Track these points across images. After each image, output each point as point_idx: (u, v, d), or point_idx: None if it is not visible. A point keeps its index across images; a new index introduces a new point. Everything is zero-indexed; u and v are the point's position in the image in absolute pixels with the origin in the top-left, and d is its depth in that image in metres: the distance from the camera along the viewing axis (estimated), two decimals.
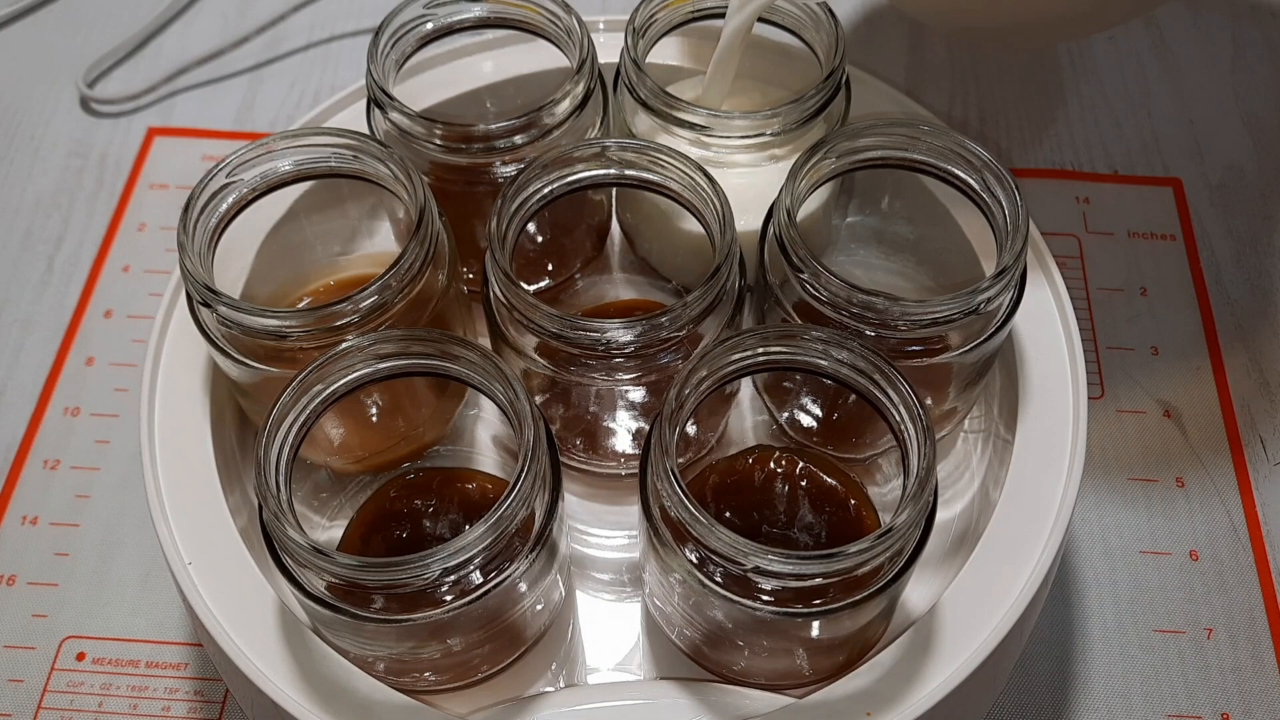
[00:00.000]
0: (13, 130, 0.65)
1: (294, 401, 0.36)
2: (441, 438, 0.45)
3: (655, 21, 0.46)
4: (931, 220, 0.47)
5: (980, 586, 0.38)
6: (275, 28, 0.68)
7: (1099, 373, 0.54)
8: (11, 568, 0.49)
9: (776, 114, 0.43)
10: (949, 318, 0.38)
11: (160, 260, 0.59)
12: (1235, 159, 0.62)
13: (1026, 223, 0.39)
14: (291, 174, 0.42)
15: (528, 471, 0.34)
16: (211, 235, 0.40)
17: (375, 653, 0.37)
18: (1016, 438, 0.42)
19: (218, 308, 0.38)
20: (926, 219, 0.48)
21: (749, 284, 0.42)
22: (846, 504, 0.41)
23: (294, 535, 0.33)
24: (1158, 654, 0.47)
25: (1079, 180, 0.61)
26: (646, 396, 0.42)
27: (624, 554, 0.46)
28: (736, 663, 0.39)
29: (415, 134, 0.44)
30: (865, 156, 0.42)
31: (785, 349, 0.37)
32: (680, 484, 0.33)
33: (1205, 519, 0.50)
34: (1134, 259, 0.58)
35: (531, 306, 0.38)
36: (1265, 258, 0.59)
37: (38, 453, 0.53)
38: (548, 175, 0.41)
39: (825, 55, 0.45)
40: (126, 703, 0.46)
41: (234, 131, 0.64)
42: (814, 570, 0.32)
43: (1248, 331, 0.56)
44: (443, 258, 0.42)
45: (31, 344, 0.56)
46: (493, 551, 0.34)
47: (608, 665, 0.44)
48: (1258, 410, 0.53)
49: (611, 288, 0.51)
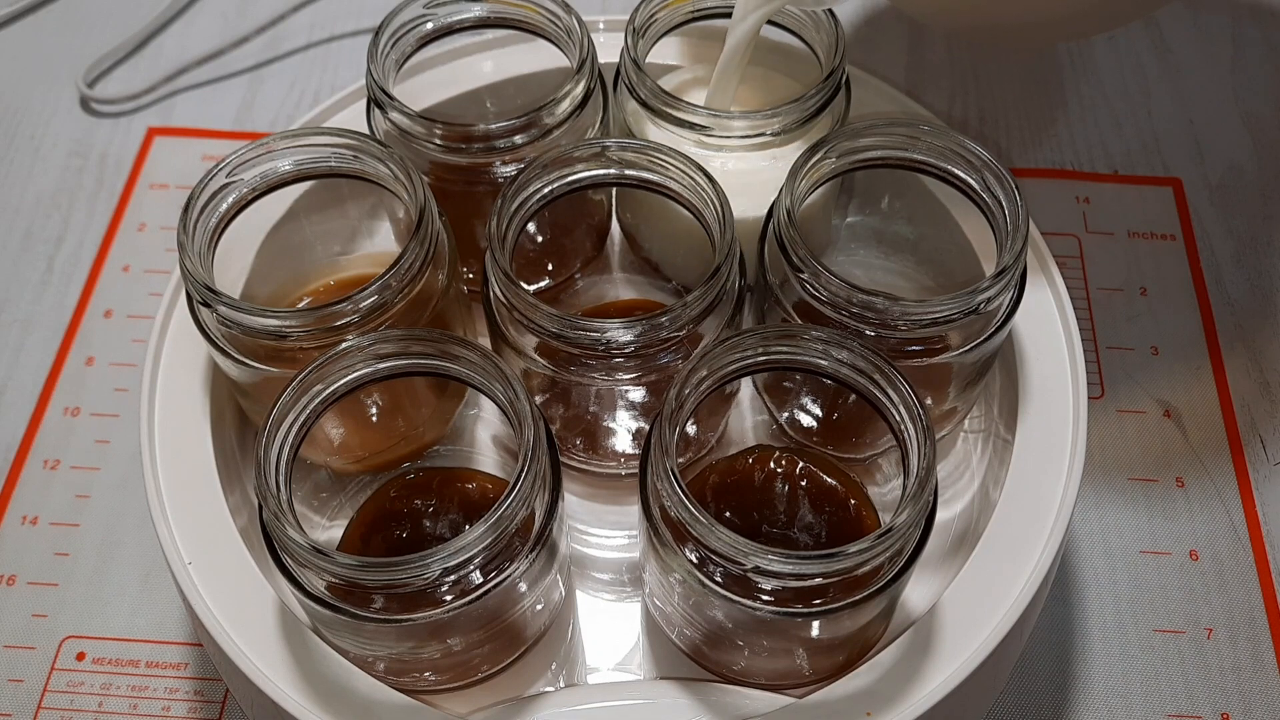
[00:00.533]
0: (13, 130, 0.65)
1: (294, 401, 0.36)
2: (441, 438, 0.45)
3: (655, 21, 0.46)
4: (931, 220, 0.47)
5: (980, 586, 0.38)
6: (275, 28, 0.68)
7: (1099, 373, 0.54)
8: (11, 568, 0.49)
9: (776, 114, 0.43)
10: (949, 318, 0.38)
11: (160, 260, 0.59)
12: (1235, 159, 0.62)
13: (1026, 223, 0.39)
14: (291, 174, 0.42)
15: (528, 471, 0.34)
16: (211, 235, 0.40)
17: (375, 653, 0.37)
18: (1016, 438, 0.42)
19: (218, 308, 0.38)
20: (926, 219, 0.48)
21: (749, 284, 0.42)
22: (846, 504, 0.41)
23: (294, 535, 0.33)
24: (1158, 654, 0.47)
25: (1079, 180, 0.61)
26: (646, 396, 0.42)
27: (624, 554, 0.46)
28: (736, 663, 0.39)
29: (415, 134, 0.44)
30: (865, 156, 0.42)
31: (785, 349, 0.37)
32: (680, 484, 0.33)
33: (1205, 519, 0.50)
34: (1134, 259, 0.58)
35: (531, 306, 0.38)
36: (1265, 258, 0.59)
37: (38, 453, 0.53)
38: (548, 175, 0.41)
39: (825, 55, 0.45)
40: (126, 703, 0.46)
41: (234, 131, 0.64)
42: (814, 570, 0.32)
43: (1248, 331, 0.56)
44: (443, 258, 0.42)
45: (31, 344, 0.56)
46: (493, 551, 0.34)
47: (608, 665, 0.44)
48: (1258, 410, 0.53)
49: (611, 288, 0.51)
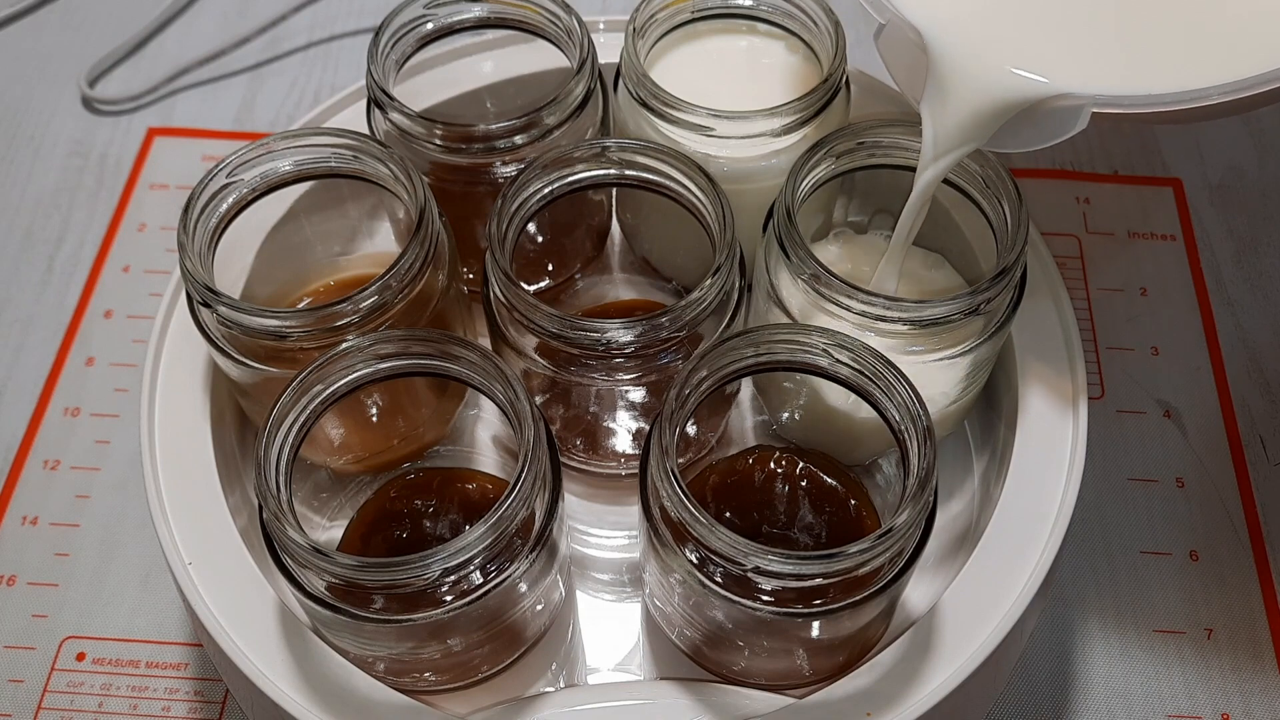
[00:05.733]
0: (13, 130, 0.65)
1: (294, 401, 0.36)
2: (441, 438, 0.45)
3: (655, 21, 0.46)
4: (932, 220, 0.47)
5: (980, 586, 0.38)
6: (275, 28, 0.68)
7: (1099, 373, 0.54)
8: (11, 568, 0.49)
9: (777, 114, 0.43)
10: (949, 317, 0.38)
11: (160, 260, 0.59)
12: (1235, 159, 0.62)
13: (1026, 223, 0.39)
14: (291, 174, 0.42)
15: (528, 472, 0.34)
16: (212, 235, 0.40)
17: (375, 653, 0.37)
18: (1016, 438, 0.42)
19: (218, 308, 0.38)
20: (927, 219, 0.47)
21: (749, 284, 0.42)
22: (846, 504, 0.41)
23: (294, 535, 0.33)
24: (1158, 654, 0.47)
25: (1079, 180, 0.61)
26: (646, 396, 0.42)
27: (624, 554, 0.46)
28: (737, 663, 0.39)
29: (415, 134, 0.44)
30: (865, 156, 0.42)
31: (785, 349, 0.37)
32: (680, 484, 0.33)
33: (1205, 519, 0.50)
34: (1134, 259, 0.58)
35: (531, 306, 0.38)
36: (1265, 258, 0.59)
37: (38, 453, 0.53)
38: (548, 175, 0.41)
39: (825, 56, 0.45)
40: (126, 703, 0.46)
41: (234, 131, 0.64)
42: (814, 570, 0.32)
43: (1248, 331, 0.56)
44: (443, 258, 0.42)
45: (31, 344, 0.56)
46: (493, 552, 0.34)
47: (608, 665, 0.44)
48: (1258, 410, 0.53)
49: (611, 288, 0.51)
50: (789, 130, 0.43)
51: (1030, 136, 0.39)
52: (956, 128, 0.39)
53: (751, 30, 0.48)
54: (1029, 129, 0.39)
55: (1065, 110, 0.37)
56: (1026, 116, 0.38)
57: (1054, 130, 0.38)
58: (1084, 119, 0.37)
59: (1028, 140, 0.39)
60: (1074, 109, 0.37)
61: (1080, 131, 0.37)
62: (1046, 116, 0.38)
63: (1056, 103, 0.37)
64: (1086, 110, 0.36)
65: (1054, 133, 0.38)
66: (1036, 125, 0.38)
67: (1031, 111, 0.38)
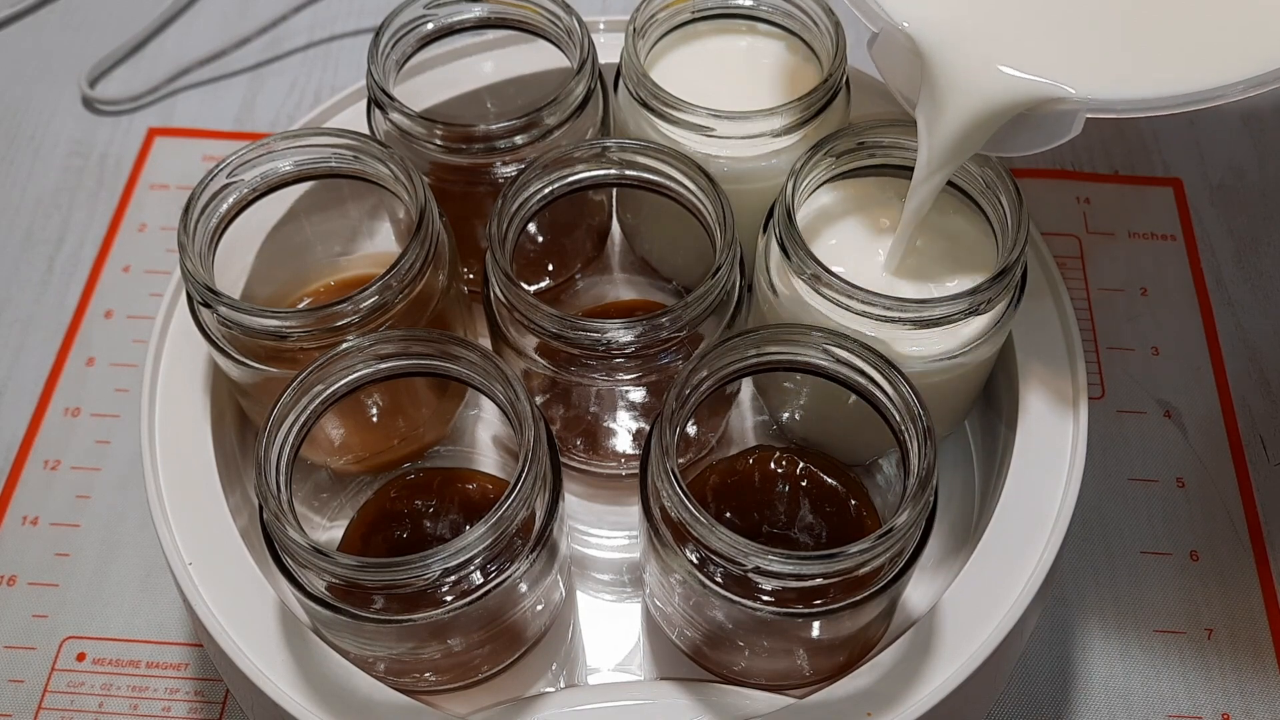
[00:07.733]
0: (13, 130, 0.65)
1: (294, 401, 0.36)
2: (442, 438, 0.45)
3: (655, 22, 0.46)
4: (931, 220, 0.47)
5: (980, 586, 0.38)
6: (275, 28, 0.68)
7: (1099, 373, 0.54)
8: (12, 568, 0.49)
9: (777, 113, 0.43)
10: (950, 317, 0.38)
11: (160, 260, 0.59)
12: (1235, 159, 0.62)
13: (1026, 223, 0.39)
14: (292, 174, 0.42)
15: (528, 472, 0.34)
16: (212, 236, 0.40)
17: (375, 653, 0.37)
18: (1016, 438, 0.42)
19: (218, 308, 0.38)
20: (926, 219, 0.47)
21: (749, 284, 0.42)
22: (847, 504, 0.41)
23: (294, 535, 0.33)
24: (1158, 654, 0.47)
25: (1079, 180, 0.61)
26: (647, 397, 0.42)
27: (624, 554, 0.46)
28: (737, 663, 0.39)
29: (415, 134, 0.44)
30: (865, 156, 0.42)
31: (785, 349, 0.37)
32: (681, 484, 0.33)
33: (1205, 519, 0.50)
34: (1134, 259, 0.58)
35: (532, 307, 0.38)
36: (1265, 258, 0.59)
37: (38, 453, 0.53)
38: (548, 175, 0.41)
39: (825, 56, 0.45)
40: (127, 703, 0.46)
41: (234, 131, 0.64)
42: (814, 570, 0.32)
43: (1248, 331, 0.56)
44: (443, 258, 0.42)
45: (32, 344, 0.56)
46: (493, 552, 0.34)
47: (608, 665, 0.44)
48: (1258, 410, 0.53)
49: (611, 288, 0.51)
50: (789, 130, 0.43)
51: (1026, 141, 0.39)
52: (953, 129, 0.39)
53: (751, 30, 0.48)
54: (1025, 133, 0.39)
55: (1060, 115, 0.37)
56: (1022, 121, 0.38)
57: (1049, 135, 0.38)
58: (1079, 124, 0.37)
59: (1024, 144, 0.39)
60: (1068, 113, 0.37)
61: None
62: (1041, 121, 0.38)
63: (1051, 107, 0.37)
64: (1081, 115, 0.37)
65: (1049, 137, 0.38)
66: (1032, 130, 0.38)
67: (1027, 116, 0.38)
